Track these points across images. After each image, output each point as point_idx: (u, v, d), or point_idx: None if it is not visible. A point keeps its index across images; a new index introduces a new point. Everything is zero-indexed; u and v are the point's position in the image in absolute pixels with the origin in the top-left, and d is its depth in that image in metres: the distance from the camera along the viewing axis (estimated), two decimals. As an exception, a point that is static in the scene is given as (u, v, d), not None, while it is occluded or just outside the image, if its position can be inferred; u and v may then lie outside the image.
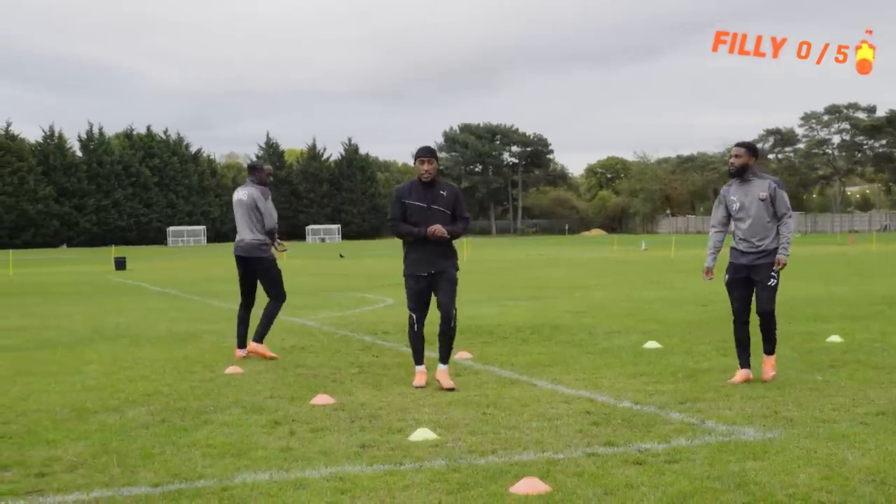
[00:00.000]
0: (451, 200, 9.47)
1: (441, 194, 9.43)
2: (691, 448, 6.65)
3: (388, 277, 30.51)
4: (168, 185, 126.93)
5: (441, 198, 9.42)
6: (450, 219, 9.44)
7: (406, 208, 9.41)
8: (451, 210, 9.47)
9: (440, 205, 9.39)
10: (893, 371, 9.82)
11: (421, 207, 9.37)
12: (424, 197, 9.39)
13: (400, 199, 9.44)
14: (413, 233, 9.32)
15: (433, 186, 9.43)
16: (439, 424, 7.60)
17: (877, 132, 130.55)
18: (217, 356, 11.96)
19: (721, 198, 9.67)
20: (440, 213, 9.38)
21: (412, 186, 9.50)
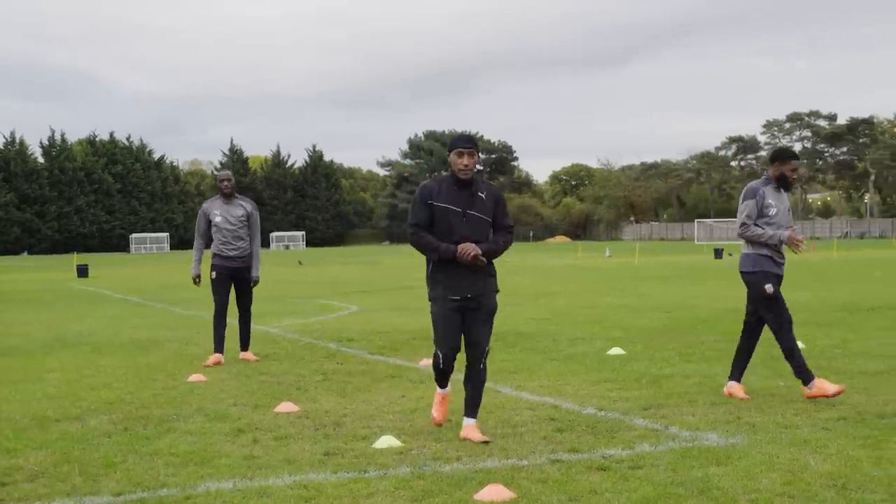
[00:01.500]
0: (492, 206, 7.42)
1: (480, 197, 7.37)
2: (655, 454, 6.68)
3: (353, 285, 30.49)
4: (131, 191, 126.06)
5: (480, 202, 7.37)
6: (489, 229, 7.41)
7: (433, 213, 7.32)
8: (492, 218, 7.44)
9: (478, 211, 7.34)
10: (854, 377, 9.91)
11: (453, 213, 7.29)
12: (458, 199, 7.32)
13: (425, 202, 7.33)
14: (439, 250, 7.23)
15: (470, 187, 7.37)
16: (404, 432, 7.59)
17: (837, 140, 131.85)
18: (180, 364, 11.89)
19: (759, 196, 8.95)
20: (478, 222, 7.33)
21: (442, 185, 7.39)
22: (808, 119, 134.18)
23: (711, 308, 18.63)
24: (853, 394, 8.90)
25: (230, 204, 11.99)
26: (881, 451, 6.59)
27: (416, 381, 10.15)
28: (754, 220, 8.91)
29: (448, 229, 7.30)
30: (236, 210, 11.96)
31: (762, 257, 8.92)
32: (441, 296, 7.39)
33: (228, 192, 12.02)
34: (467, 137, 7.44)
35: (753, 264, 8.95)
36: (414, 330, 15.37)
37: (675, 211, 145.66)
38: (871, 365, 10.65)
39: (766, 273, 8.93)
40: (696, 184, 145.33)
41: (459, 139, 7.39)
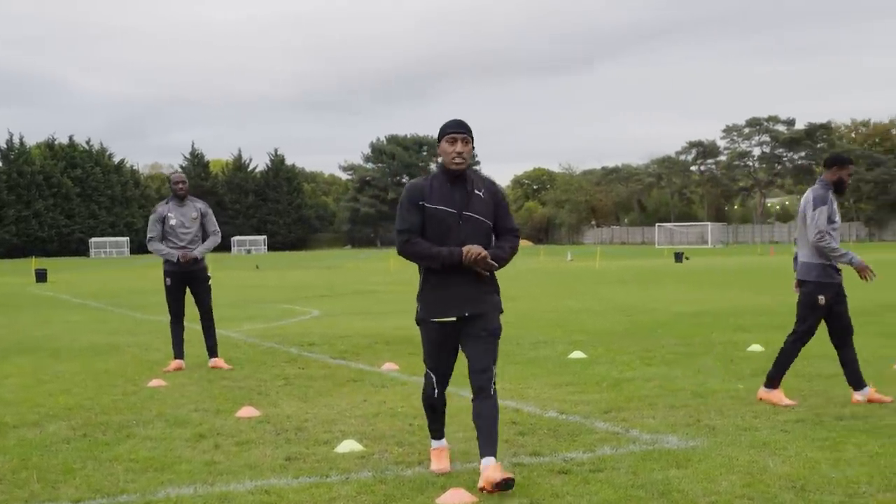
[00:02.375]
0: (492, 204, 6.27)
1: (477, 195, 6.22)
2: (616, 457, 6.71)
3: (314, 289, 30.41)
4: (90, 195, 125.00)
5: (478, 201, 6.21)
6: (489, 233, 6.29)
7: (424, 215, 6.20)
8: (493, 219, 6.30)
9: (477, 211, 6.19)
10: (813, 379, 10.01)
11: (447, 216, 6.14)
12: (452, 198, 6.18)
13: (415, 203, 6.21)
14: (440, 256, 6.06)
15: (465, 182, 6.24)
16: (366, 436, 7.58)
17: (796, 144, 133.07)
18: (139, 369, 11.80)
19: (829, 203, 8.73)
20: (477, 225, 6.18)
21: (434, 183, 6.25)
22: (766, 124, 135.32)
23: (671, 311, 18.74)
24: (811, 396, 8.99)
25: (183, 206, 11.89)
26: (839, 453, 6.65)
27: (378, 386, 10.14)
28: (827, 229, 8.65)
29: (441, 235, 6.12)
30: (190, 212, 11.87)
31: (827, 268, 8.74)
32: (431, 318, 6.27)
33: (183, 193, 11.89)
34: (459, 121, 6.28)
35: (819, 275, 8.78)
36: (375, 334, 15.35)
37: (636, 215, 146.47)
38: (830, 367, 10.75)
39: (828, 285, 8.81)
40: (657, 188, 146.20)
41: (450, 123, 6.28)
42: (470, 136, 6.25)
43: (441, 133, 6.27)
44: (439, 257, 6.07)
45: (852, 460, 6.45)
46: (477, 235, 6.17)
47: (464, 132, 6.22)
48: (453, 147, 6.20)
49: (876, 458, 6.51)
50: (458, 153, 6.19)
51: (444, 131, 6.25)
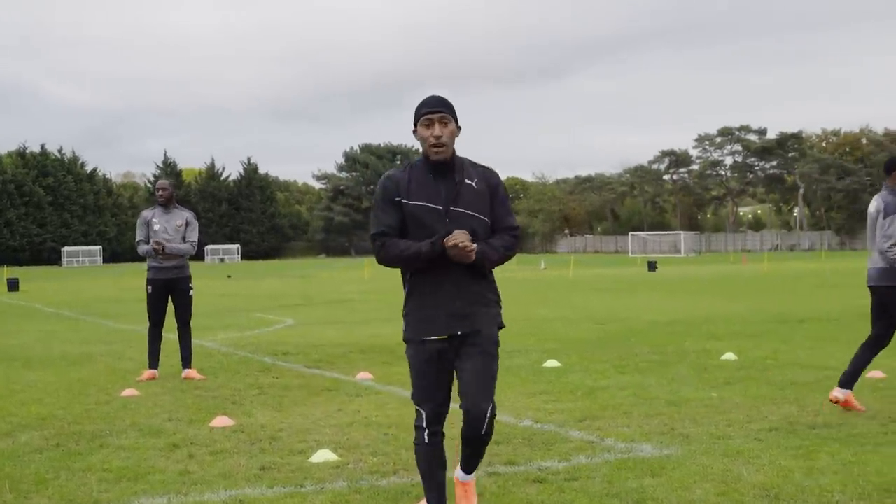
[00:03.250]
0: (487, 196, 5.21)
1: (468, 185, 5.16)
2: (591, 465, 6.72)
3: (288, 298, 30.33)
4: (62, 204, 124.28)
5: (468, 192, 5.14)
6: (485, 232, 5.17)
7: (403, 213, 5.14)
8: (489, 214, 5.21)
9: (467, 205, 5.12)
10: (786, 387, 10.06)
11: (431, 213, 5.09)
12: (436, 192, 5.12)
13: (391, 200, 5.15)
14: (420, 253, 5.02)
15: (451, 171, 5.18)
16: (340, 445, 7.56)
17: (767, 154, 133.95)
18: (113, 378, 11.73)
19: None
20: (468, 222, 5.09)
21: (412, 174, 5.19)
22: (738, 133, 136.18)
23: (645, 320, 18.81)
24: (784, 405, 9.04)
25: (169, 213, 11.85)
26: (812, 462, 6.69)
27: (352, 395, 10.12)
28: None
29: (424, 237, 5.06)
30: (175, 219, 11.82)
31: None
32: (418, 336, 5.22)
33: (164, 200, 11.85)
34: (436, 98, 5.17)
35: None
36: (350, 343, 15.33)
37: (610, 224, 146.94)
38: (802, 375, 10.82)
39: None
40: (630, 197, 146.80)
41: (425, 101, 5.17)
42: (451, 115, 5.14)
43: (416, 115, 5.19)
44: (420, 254, 5.01)
45: (825, 469, 6.49)
46: (476, 233, 5.10)
47: (441, 110, 5.11)
48: (430, 130, 5.11)
49: (849, 466, 6.55)
50: (437, 137, 5.08)
51: (419, 112, 5.16)
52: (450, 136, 5.14)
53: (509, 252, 5.25)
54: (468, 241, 4.94)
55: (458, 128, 5.25)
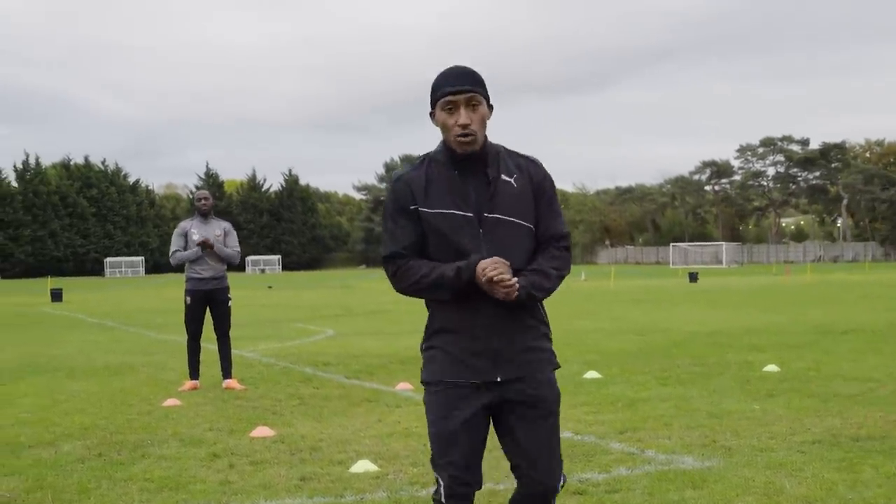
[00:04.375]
0: (529, 196, 3.86)
1: (506, 183, 3.82)
2: (631, 477, 6.68)
3: (329, 309, 30.43)
4: (105, 215, 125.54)
5: (506, 192, 3.81)
6: (529, 243, 3.87)
7: (423, 223, 3.83)
8: (533, 220, 3.87)
9: (506, 210, 3.80)
10: (829, 400, 9.96)
11: (458, 222, 3.77)
12: (464, 193, 3.79)
13: (403, 209, 3.85)
14: (444, 281, 3.75)
15: (482, 165, 3.84)
16: (380, 456, 7.56)
17: (810, 164, 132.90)
18: (154, 389, 11.82)
19: None
20: (508, 231, 3.80)
21: (431, 171, 3.86)
22: (780, 144, 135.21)
23: (685, 331, 18.68)
24: (827, 417, 8.94)
25: (207, 224, 11.93)
26: (856, 475, 6.62)
27: (392, 406, 10.13)
28: None
29: (451, 257, 3.78)
30: (214, 230, 11.90)
31: None
32: (441, 378, 3.96)
33: (206, 210, 11.95)
34: (460, 72, 3.81)
35: None
36: (390, 354, 15.35)
37: (650, 235, 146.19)
38: (845, 388, 10.70)
39: None
40: (671, 208, 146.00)
41: (446, 76, 3.81)
42: (482, 93, 3.81)
43: (433, 94, 3.84)
44: (442, 284, 3.76)
45: (869, 482, 6.42)
46: (507, 247, 3.76)
47: (469, 88, 3.76)
48: (454, 117, 3.77)
49: (893, 479, 6.47)
50: (464, 126, 3.74)
51: (438, 91, 3.81)
52: (480, 121, 3.78)
53: (563, 273, 3.88)
54: (507, 274, 3.65)
55: (490, 107, 3.86)
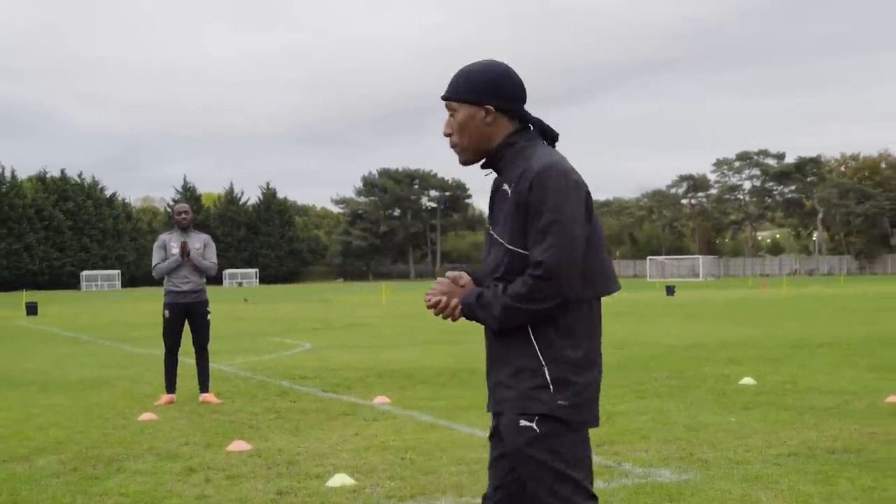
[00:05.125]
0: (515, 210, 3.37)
1: (503, 193, 3.49)
2: (608, 490, 6.69)
3: (306, 322, 30.35)
4: (82, 228, 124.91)
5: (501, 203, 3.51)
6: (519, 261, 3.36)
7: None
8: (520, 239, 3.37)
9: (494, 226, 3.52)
10: (804, 412, 10.00)
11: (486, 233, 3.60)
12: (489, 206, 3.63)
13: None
14: None
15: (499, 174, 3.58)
16: (357, 470, 7.54)
17: (786, 178, 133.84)
18: (130, 403, 11.75)
19: None
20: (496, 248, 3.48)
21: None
22: (757, 158, 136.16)
23: (663, 345, 18.73)
24: (803, 430, 8.98)
25: (187, 236, 11.91)
26: (832, 487, 6.64)
27: (369, 419, 10.11)
28: None
29: None
30: (193, 243, 11.88)
31: None
32: None
33: (186, 224, 11.94)
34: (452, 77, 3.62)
35: None
36: (367, 367, 15.32)
37: (628, 248, 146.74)
38: (821, 401, 10.75)
39: None
40: (649, 221, 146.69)
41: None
42: (455, 99, 3.56)
43: None
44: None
45: (845, 494, 6.44)
46: (494, 269, 3.47)
47: (444, 95, 3.61)
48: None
49: (869, 491, 6.50)
50: (447, 136, 3.62)
51: None
52: (459, 128, 3.54)
53: (518, 303, 3.31)
54: (437, 297, 3.50)
55: (487, 108, 3.50)
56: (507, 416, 3.39)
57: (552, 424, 3.34)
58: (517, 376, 3.39)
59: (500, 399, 3.44)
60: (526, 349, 3.38)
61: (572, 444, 3.39)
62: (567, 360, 3.39)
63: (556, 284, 3.28)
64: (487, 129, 3.51)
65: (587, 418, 3.44)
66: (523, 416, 3.35)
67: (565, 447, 3.37)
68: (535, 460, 3.34)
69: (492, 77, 3.52)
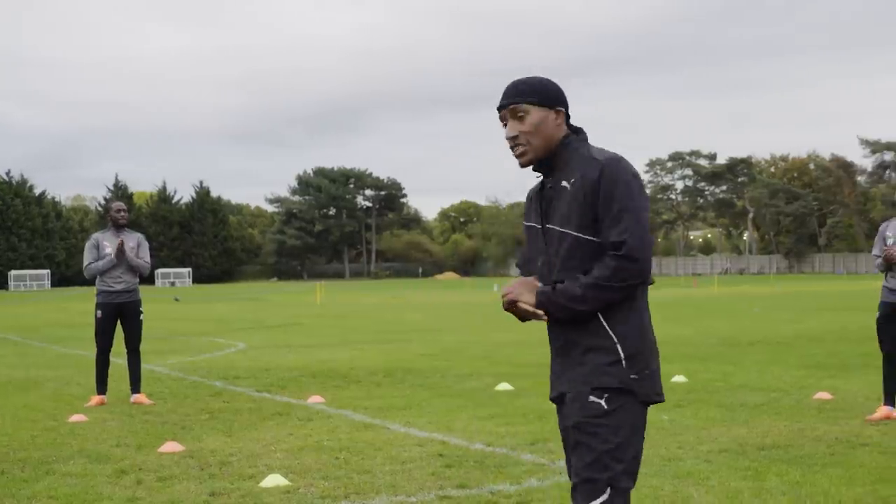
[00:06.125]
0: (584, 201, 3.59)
1: (563, 189, 3.67)
2: (542, 488, 6.72)
3: (240, 322, 30.15)
4: (10, 227, 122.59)
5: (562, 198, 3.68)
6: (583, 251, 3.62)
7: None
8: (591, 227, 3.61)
9: (557, 219, 3.68)
10: (735, 410, 10.14)
11: (533, 232, 3.87)
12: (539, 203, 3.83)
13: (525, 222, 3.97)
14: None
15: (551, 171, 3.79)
16: (291, 470, 7.51)
17: (718, 178, 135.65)
18: (60, 404, 11.58)
19: (880, 231, 9.47)
20: (559, 242, 3.68)
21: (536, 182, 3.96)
22: (689, 158, 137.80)
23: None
24: (734, 427, 9.10)
25: (121, 236, 11.75)
26: (761, 483, 6.75)
27: (303, 419, 10.06)
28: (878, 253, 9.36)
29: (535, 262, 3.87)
30: (127, 242, 11.73)
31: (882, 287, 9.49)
32: None
33: (123, 222, 11.77)
34: (509, 86, 3.81)
35: None
36: (301, 367, 15.25)
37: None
38: (751, 398, 10.91)
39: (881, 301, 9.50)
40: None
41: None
42: (528, 101, 3.73)
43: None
44: None
45: (774, 489, 6.55)
46: (563, 261, 3.66)
47: (506, 102, 3.78)
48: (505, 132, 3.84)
49: (797, 486, 6.61)
50: (509, 139, 3.81)
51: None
52: (530, 129, 3.73)
53: (600, 282, 3.52)
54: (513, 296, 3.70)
55: (558, 110, 3.75)
56: (577, 390, 3.62)
57: (623, 398, 3.56)
58: (588, 354, 3.62)
59: (570, 378, 3.68)
60: (597, 330, 3.60)
61: (637, 418, 3.60)
62: (636, 338, 3.61)
63: (639, 264, 3.52)
64: (554, 131, 3.74)
65: (656, 392, 3.65)
66: (595, 390, 3.57)
67: (628, 424, 3.57)
68: (595, 435, 3.54)
69: (554, 85, 3.80)
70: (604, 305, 3.56)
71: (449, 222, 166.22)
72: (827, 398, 10.72)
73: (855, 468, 7.21)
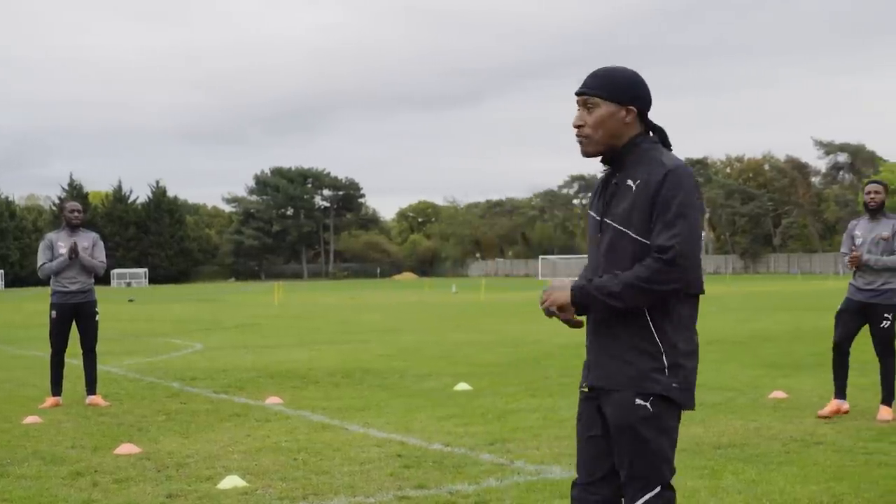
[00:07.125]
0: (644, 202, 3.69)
1: (627, 187, 3.75)
2: (501, 488, 6.74)
3: (197, 323, 29.97)
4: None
5: (623, 195, 3.77)
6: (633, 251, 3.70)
7: None
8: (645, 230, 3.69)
9: (617, 216, 3.77)
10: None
11: (592, 223, 3.95)
12: (601, 196, 3.91)
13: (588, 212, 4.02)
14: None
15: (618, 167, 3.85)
16: (249, 472, 7.48)
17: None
18: (13, 406, 11.45)
19: (848, 230, 9.74)
20: (614, 238, 3.78)
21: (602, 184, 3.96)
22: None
23: (555, 343, 18.94)
24: (691, 426, 9.16)
25: (76, 236, 11.65)
26: (718, 482, 6.80)
27: (261, 420, 10.02)
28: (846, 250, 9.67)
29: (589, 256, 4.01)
30: (81, 242, 11.63)
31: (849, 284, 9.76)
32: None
33: (77, 222, 11.67)
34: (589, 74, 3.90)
35: None
36: (259, 368, 15.19)
37: (520, 248, 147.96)
38: (708, 397, 10.98)
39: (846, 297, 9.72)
40: (540, 221, 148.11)
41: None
42: (601, 94, 3.79)
43: None
44: None
45: (730, 488, 6.60)
46: (614, 256, 3.76)
47: (582, 90, 3.85)
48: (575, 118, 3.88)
49: (753, 485, 6.68)
50: (575, 127, 3.86)
51: None
52: (596, 123, 3.78)
53: (639, 282, 3.60)
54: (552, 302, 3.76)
55: (629, 108, 3.79)
56: (623, 392, 3.70)
57: (664, 405, 3.68)
58: (635, 356, 3.70)
59: (614, 374, 3.74)
60: (644, 333, 3.69)
61: (674, 425, 3.74)
62: (680, 347, 3.73)
63: (681, 270, 3.61)
64: (622, 128, 3.79)
65: (691, 401, 3.78)
66: (640, 395, 3.67)
67: (670, 427, 3.72)
68: (644, 437, 3.67)
69: (635, 82, 3.84)
70: (638, 306, 3.65)
71: (407, 222, 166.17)
72: (782, 397, 10.83)
73: (809, 466, 7.29)
